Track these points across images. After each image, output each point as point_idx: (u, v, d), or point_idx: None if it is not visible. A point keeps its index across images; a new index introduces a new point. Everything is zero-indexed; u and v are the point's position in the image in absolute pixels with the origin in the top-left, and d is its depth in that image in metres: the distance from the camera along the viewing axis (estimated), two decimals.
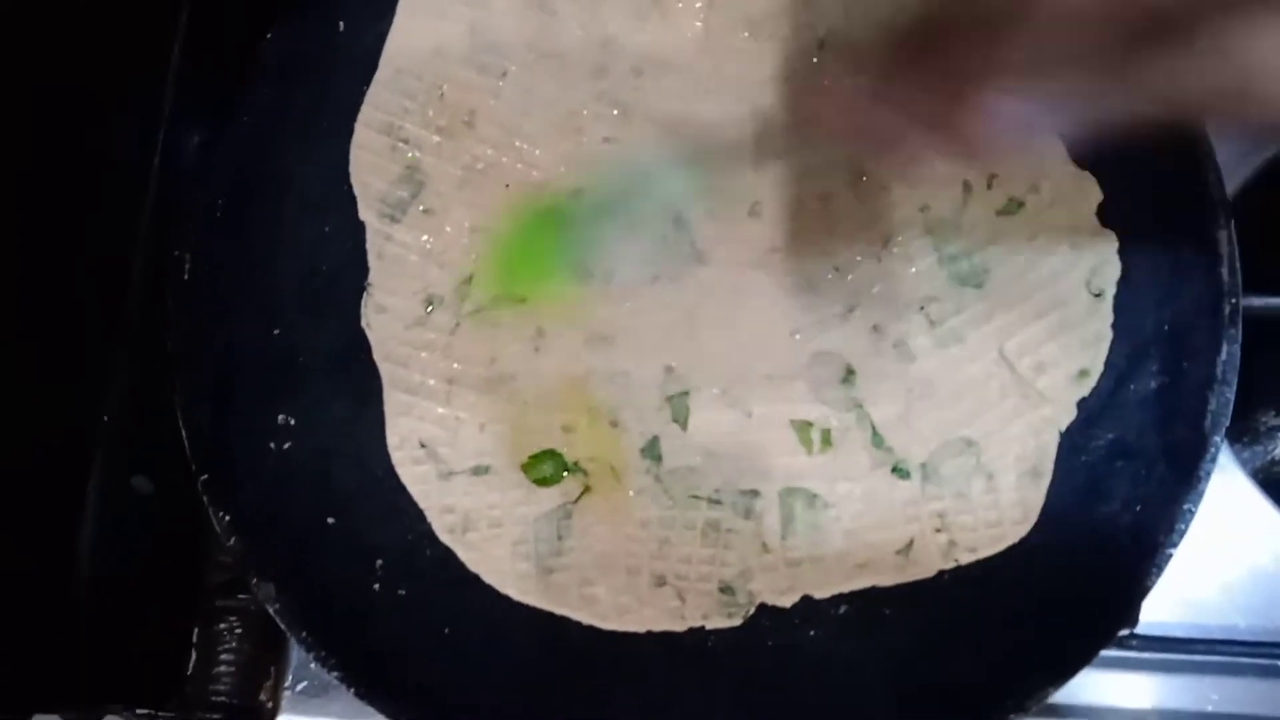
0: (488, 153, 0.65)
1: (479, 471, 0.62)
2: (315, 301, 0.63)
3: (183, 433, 0.58)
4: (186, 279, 0.60)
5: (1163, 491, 0.56)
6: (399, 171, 0.64)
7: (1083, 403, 0.60)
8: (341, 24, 0.63)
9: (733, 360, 0.63)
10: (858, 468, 0.61)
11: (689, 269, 0.64)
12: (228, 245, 0.61)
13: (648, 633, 0.60)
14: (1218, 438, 0.56)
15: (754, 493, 0.61)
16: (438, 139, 0.64)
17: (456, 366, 0.63)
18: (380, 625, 0.59)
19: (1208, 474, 0.55)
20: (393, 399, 0.62)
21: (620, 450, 0.62)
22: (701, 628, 0.60)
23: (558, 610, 0.60)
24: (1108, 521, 0.58)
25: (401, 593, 0.60)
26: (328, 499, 0.61)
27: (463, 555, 0.60)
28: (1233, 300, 0.57)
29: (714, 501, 0.61)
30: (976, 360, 0.61)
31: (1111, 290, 0.59)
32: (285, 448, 0.61)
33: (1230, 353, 0.56)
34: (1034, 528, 0.59)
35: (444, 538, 0.61)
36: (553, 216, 0.64)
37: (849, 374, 0.62)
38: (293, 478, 0.60)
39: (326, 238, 0.63)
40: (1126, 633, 0.56)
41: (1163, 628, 0.63)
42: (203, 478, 0.58)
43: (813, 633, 0.60)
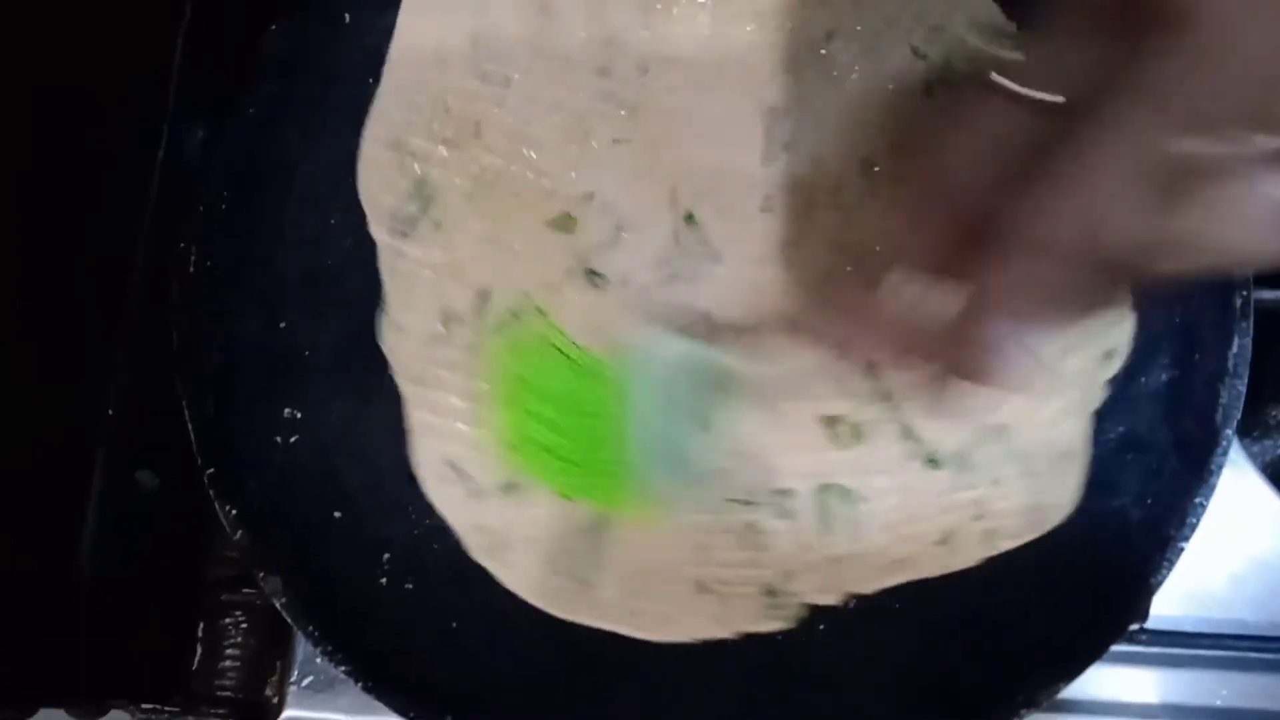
0: (496, 162, 0.63)
1: (509, 490, 0.61)
2: (319, 296, 0.61)
3: (188, 426, 0.57)
4: (191, 271, 0.58)
5: (1174, 485, 0.56)
6: (408, 186, 0.62)
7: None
8: (347, 16, 0.61)
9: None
10: (890, 460, 0.61)
11: (704, 268, 0.63)
12: (231, 239, 0.59)
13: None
14: (1229, 431, 0.56)
15: (788, 492, 0.61)
16: (445, 151, 0.63)
17: (480, 384, 0.61)
18: (387, 620, 0.58)
19: (1219, 467, 0.56)
20: (417, 419, 0.61)
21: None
22: (747, 633, 0.59)
23: (601, 625, 0.59)
24: (1118, 515, 0.58)
25: (409, 587, 0.59)
26: (334, 493, 0.59)
27: (499, 575, 0.59)
28: (1243, 293, 0.57)
29: (748, 503, 0.61)
30: None
31: None
32: (291, 441, 0.59)
33: (1241, 345, 0.56)
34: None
35: (478, 558, 0.60)
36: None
37: (873, 366, 0.61)
38: (299, 471, 0.59)
39: (330, 232, 0.62)
40: (1136, 627, 0.56)
41: (1172, 622, 0.64)
42: (209, 471, 0.56)
43: (822, 626, 0.59)
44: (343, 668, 0.55)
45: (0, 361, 0.55)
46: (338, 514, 0.59)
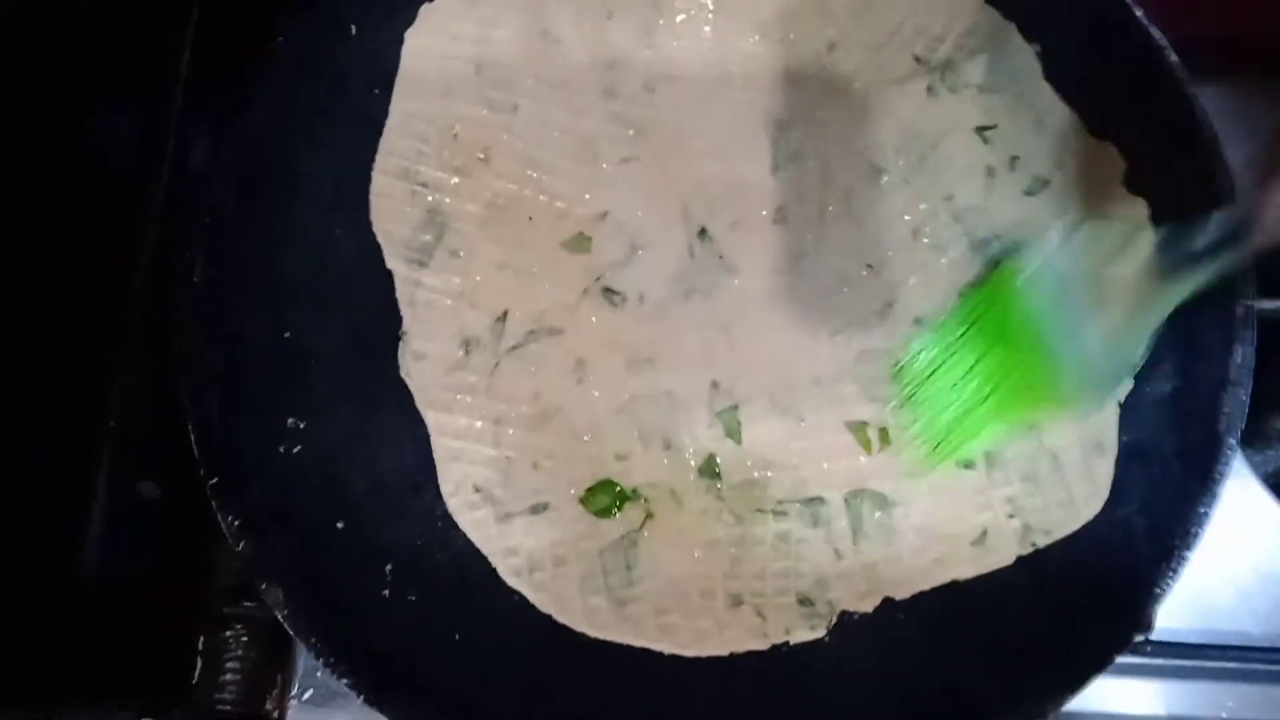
0: (508, 188, 0.64)
1: (538, 510, 0.61)
2: (324, 304, 0.61)
3: (191, 436, 0.56)
4: (196, 279, 0.58)
5: (1178, 494, 0.56)
6: (421, 216, 0.63)
7: None
8: (353, 27, 0.62)
9: (777, 368, 0.62)
10: (920, 462, 0.61)
11: (721, 281, 0.64)
12: (236, 247, 0.59)
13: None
14: (1232, 440, 0.56)
15: (819, 499, 0.61)
16: (456, 179, 0.63)
17: (502, 406, 0.62)
18: (390, 630, 0.57)
19: (1223, 477, 0.55)
20: (441, 446, 0.61)
21: (677, 472, 0.61)
22: (784, 645, 0.59)
23: (637, 643, 0.58)
24: (1123, 525, 0.58)
25: (411, 598, 0.58)
26: (337, 502, 0.59)
27: (532, 597, 0.59)
28: (1246, 303, 0.56)
29: (780, 513, 0.61)
30: None
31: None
32: (294, 451, 0.59)
33: (1244, 355, 0.56)
34: None
35: (511, 581, 0.59)
36: None
37: (898, 369, 0.62)
38: (302, 481, 0.59)
39: (335, 240, 0.62)
40: (1141, 639, 0.55)
41: (1176, 633, 0.63)
42: (211, 481, 0.56)
43: (826, 639, 0.59)
44: (345, 679, 0.54)
45: (2, 370, 0.55)
46: (340, 524, 0.59)
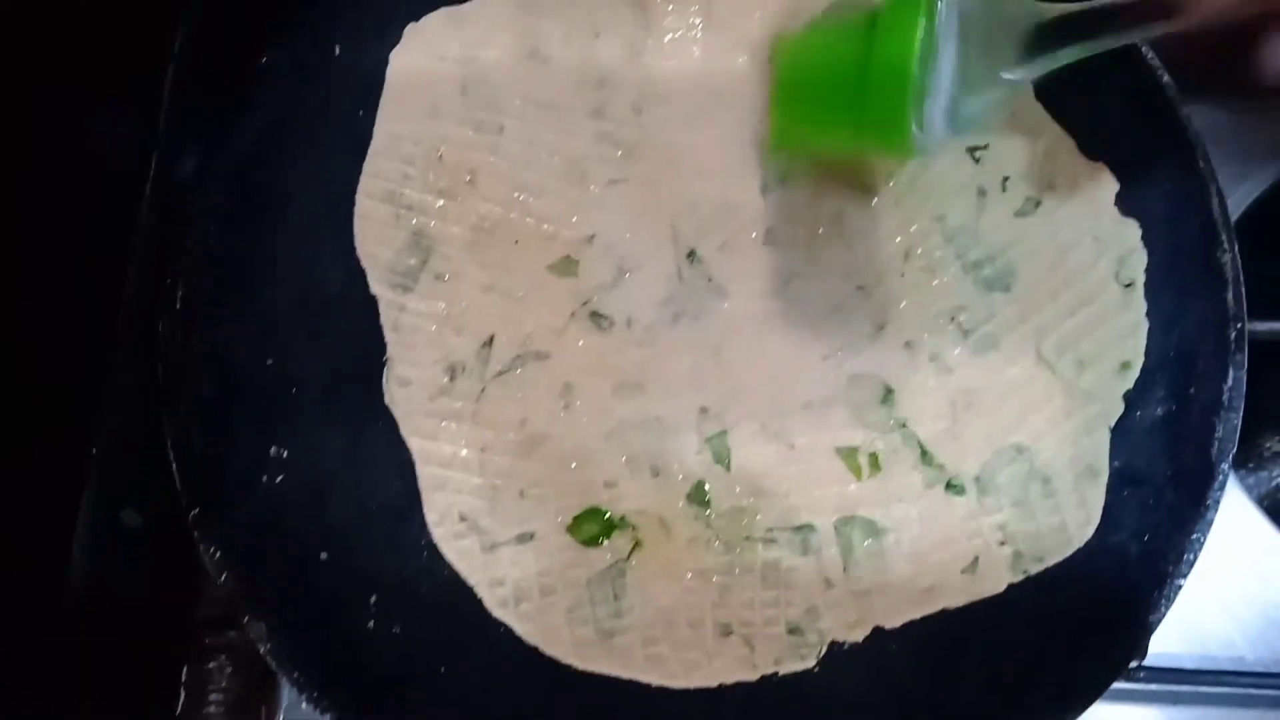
0: (494, 210, 0.63)
1: (524, 539, 0.60)
2: (309, 330, 0.60)
3: (173, 466, 0.56)
4: (179, 307, 0.57)
5: (1171, 520, 0.56)
6: (405, 239, 0.62)
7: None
8: (337, 48, 0.61)
9: (767, 393, 0.62)
10: (911, 489, 0.60)
11: (710, 304, 0.63)
12: (221, 273, 0.59)
13: None
14: (1225, 465, 0.55)
15: (809, 527, 0.60)
16: (441, 202, 0.62)
17: (488, 434, 0.61)
18: (375, 663, 0.57)
19: (1216, 502, 0.55)
20: (426, 474, 0.60)
21: (666, 499, 0.61)
22: (773, 675, 0.58)
23: (624, 674, 0.58)
24: (1116, 551, 0.57)
25: (396, 630, 0.58)
26: (321, 533, 0.58)
27: (519, 628, 0.58)
28: (1238, 325, 0.56)
29: (769, 541, 0.60)
30: (1015, 364, 0.60)
31: (1141, 279, 0.59)
32: (278, 480, 0.58)
33: (1236, 379, 0.56)
34: None
35: (497, 612, 0.59)
36: None
37: (888, 393, 0.61)
38: (286, 511, 0.58)
39: (321, 264, 0.61)
40: (1135, 665, 0.55)
41: (1170, 659, 0.63)
42: (193, 512, 0.55)
43: (817, 668, 0.58)
44: (329, 714, 0.54)
45: None
46: (324, 554, 0.58)
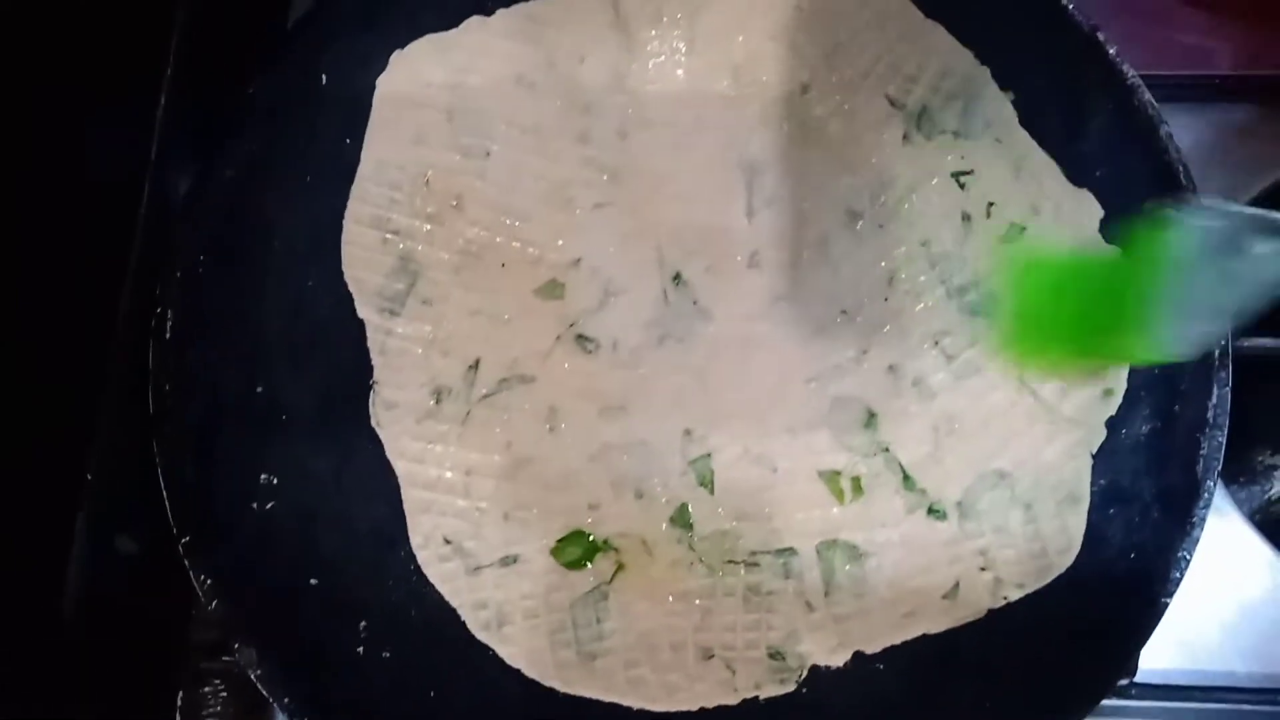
0: (480, 234, 0.63)
1: (508, 562, 0.60)
2: (298, 355, 0.61)
3: (163, 493, 0.56)
4: (169, 336, 0.58)
5: (1157, 538, 0.55)
6: (392, 263, 0.62)
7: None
8: (324, 76, 0.62)
9: (751, 416, 0.62)
10: (893, 513, 0.60)
11: (695, 327, 0.63)
12: (210, 301, 0.59)
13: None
14: (1211, 482, 0.55)
15: (791, 550, 0.60)
16: (428, 227, 0.63)
17: (473, 456, 0.61)
18: (364, 688, 0.57)
19: (1202, 519, 0.55)
20: (411, 496, 0.61)
21: (649, 522, 0.61)
22: (754, 698, 0.58)
23: (606, 697, 0.58)
24: (1103, 568, 0.57)
25: (386, 654, 0.58)
26: (311, 559, 0.59)
27: (501, 651, 0.59)
28: (1222, 343, 0.56)
29: (751, 564, 0.60)
30: (998, 390, 0.60)
31: None
32: (268, 507, 0.59)
33: (1221, 396, 0.56)
34: None
35: (480, 635, 0.59)
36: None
37: (871, 417, 0.61)
38: (275, 538, 0.59)
39: (309, 290, 0.62)
40: (1126, 682, 0.55)
41: (1162, 675, 0.62)
42: (184, 540, 0.56)
43: (804, 690, 0.58)
44: None
45: None
46: (314, 580, 0.59)
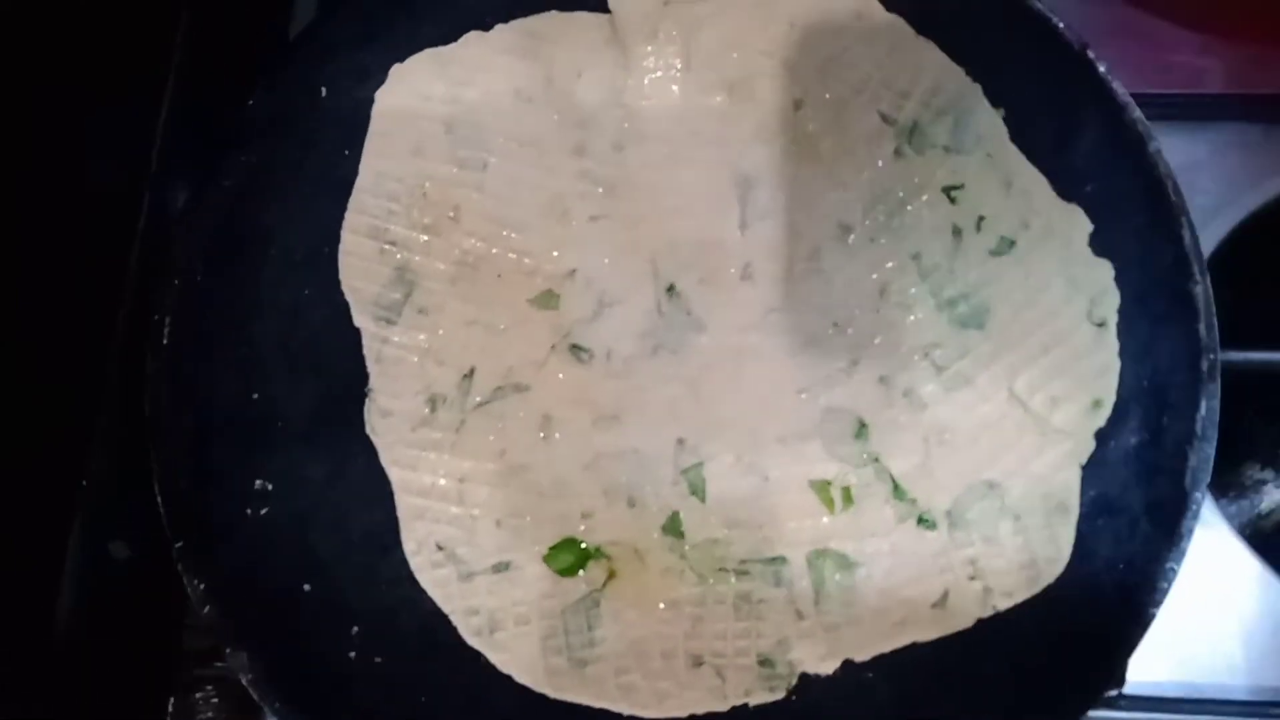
0: (477, 245, 0.64)
1: (500, 568, 0.61)
2: (294, 363, 0.62)
3: (158, 499, 0.57)
4: (166, 342, 0.59)
5: (1145, 550, 0.56)
6: (389, 274, 0.63)
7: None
8: (323, 89, 0.63)
9: (743, 425, 0.63)
10: (883, 522, 0.61)
11: (688, 338, 0.64)
12: (207, 308, 0.60)
13: None
14: (1199, 494, 0.55)
15: (781, 559, 0.61)
16: (425, 237, 0.64)
17: (467, 464, 0.62)
18: (356, 694, 0.58)
19: (1190, 532, 0.55)
20: (404, 503, 0.61)
21: (641, 530, 0.61)
22: (744, 705, 0.58)
23: (596, 704, 0.58)
24: (1091, 580, 0.57)
25: (378, 660, 0.59)
26: (304, 565, 0.59)
27: (493, 657, 0.59)
28: (1210, 356, 0.56)
29: (742, 573, 0.61)
30: (988, 401, 0.61)
31: (1114, 319, 0.59)
32: (262, 513, 0.59)
33: (1209, 409, 0.56)
34: None
35: (471, 641, 0.59)
36: None
37: (862, 428, 0.62)
38: (269, 544, 0.59)
39: (306, 299, 0.62)
40: (1114, 693, 0.55)
41: (1152, 687, 0.62)
42: (178, 545, 0.56)
43: (794, 699, 0.59)
44: None
45: None
46: (307, 586, 0.59)
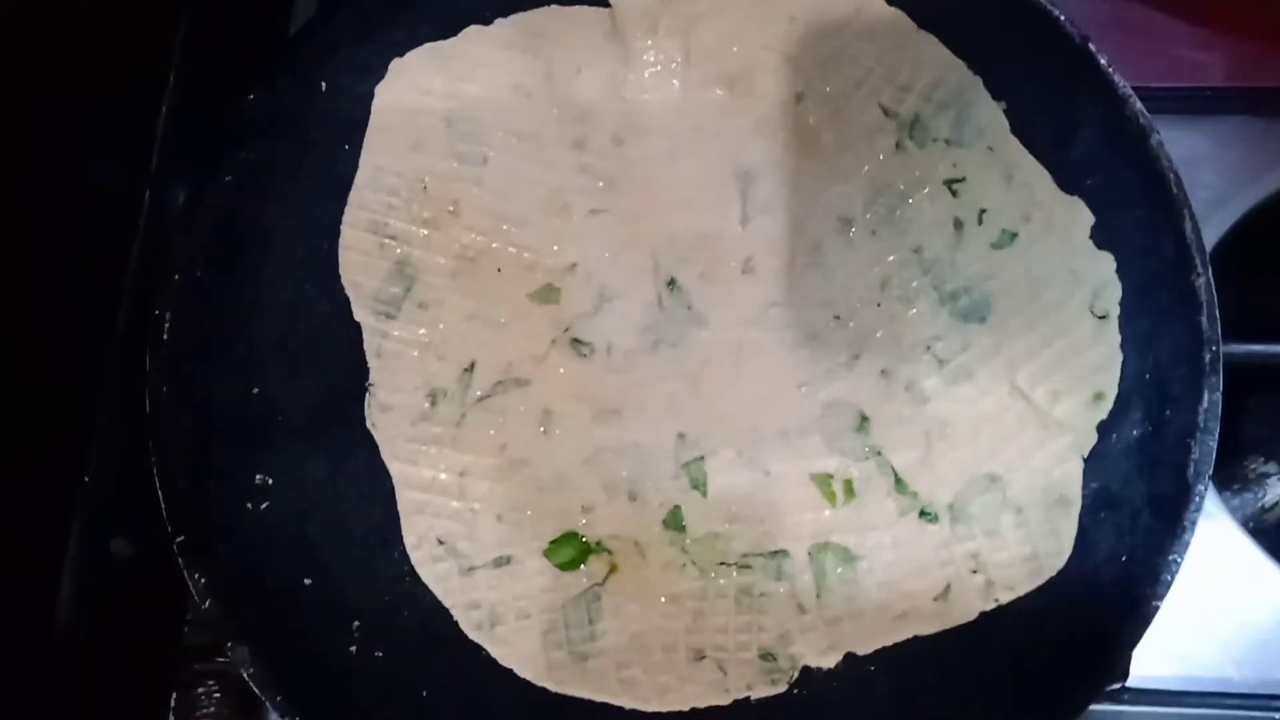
0: (476, 240, 0.64)
1: (501, 562, 0.61)
2: (294, 360, 0.62)
3: (159, 495, 0.57)
4: (166, 339, 0.58)
5: (1148, 542, 0.56)
6: (389, 268, 0.63)
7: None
8: (323, 84, 0.62)
9: (744, 419, 0.63)
10: (884, 516, 0.61)
11: (689, 332, 0.64)
12: (208, 304, 0.60)
13: None
14: (1201, 487, 0.55)
15: (783, 553, 0.61)
16: (425, 232, 0.64)
17: (467, 458, 0.62)
18: (357, 688, 0.58)
19: (1193, 524, 0.55)
20: (405, 498, 0.61)
21: (642, 524, 0.61)
22: (746, 699, 0.58)
23: (597, 697, 0.58)
24: (1093, 573, 0.57)
25: (379, 654, 0.59)
26: (305, 560, 0.59)
27: (494, 651, 0.59)
28: (1213, 348, 0.56)
29: (743, 566, 0.61)
30: (989, 395, 0.61)
31: (1115, 311, 0.59)
32: (263, 508, 0.59)
33: (1212, 401, 0.56)
34: None
35: (472, 635, 0.59)
36: None
37: (863, 421, 0.62)
38: (270, 538, 0.59)
39: (306, 296, 0.62)
40: (1118, 686, 0.55)
41: (1155, 680, 0.62)
42: (179, 539, 0.56)
43: (795, 692, 0.59)
44: None
45: None
46: (308, 581, 0.59)
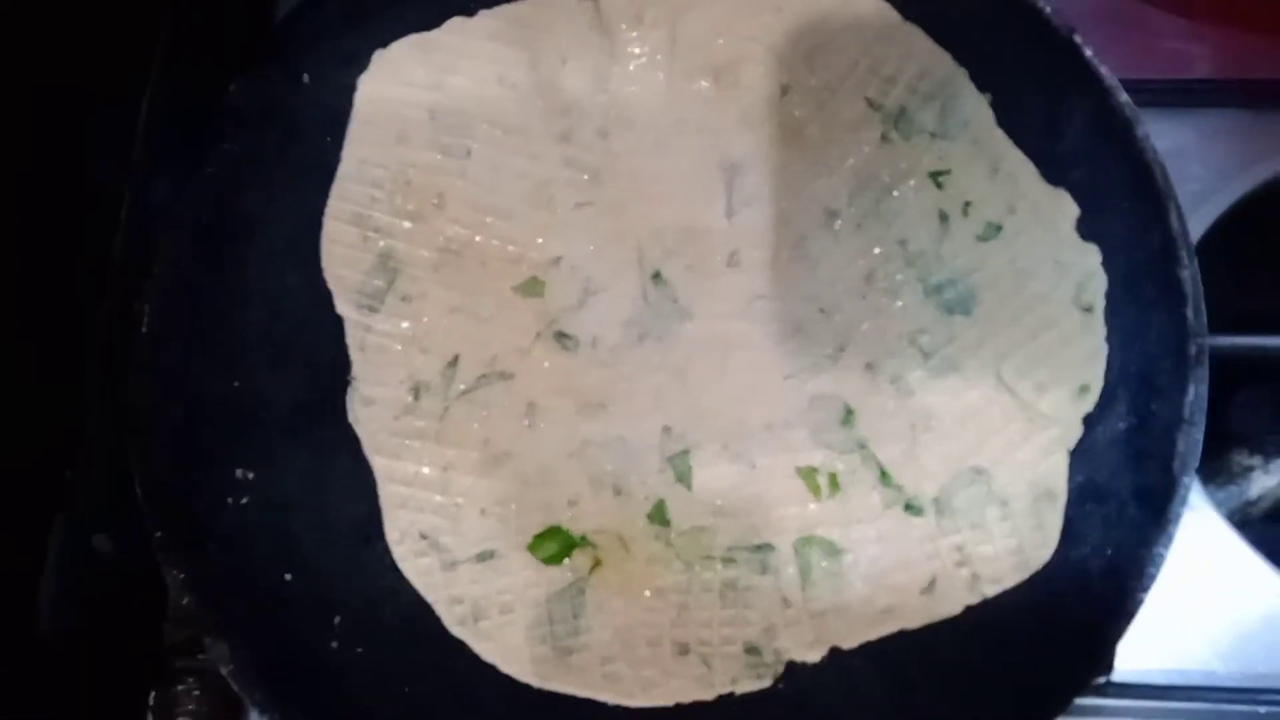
0: (460, 232, 0.64)
1: (484, 557, 0.60)
2: (277, 354, 0.61)
3: (138, 489, 0.56)
4: (145, 331, 0.58)
5: (1133, 535, 0.55)
6: (372, 261, 0.63)
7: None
8: (306, 76, 0.62)
9: (729, 413, 0.62)
10: (870, 509, 0.60)
11: (674, 325, 0.64)
12: (190, 297, 0.60)
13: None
14: (1187, 479, 0.55)
15: (768, 546, 0.60)
16: (408, 224, 0.63)
17: (450, 452, 0.62)
18: (338, 685, 0.57)
19: (1178, 517, 0.55)
20: (388, 492, 0.61)
21: (627, 518, 0.61)
22: (730, 694, 0.58)
23: (581, 693, 0.58)
24: (1079, 565, 0.57)
25: (360, 651, 0.58)
26: (286, 555, 0.59)
27: (476, 647, 0.59)
28: (1199, 341, 0.56)
29: (728, 560, 0.60)
30: (975, 387, 0.61)
31: (1101, 303, 0.59)
32: (244, 503, 0.59)
33: (1197, 394, 0.55)
34: None
35: (455, 630, 0.59)
36: None
37: (849, 414, 0.62)
38: (250, 534, 0.59)
39: (289, 289, 0.62)
40: (1103, 680, 0.54)
41: (1140, 674, 0.62)
42: (158, 535, 0.56)
43: (781, 687, 0.59)
44: None
45: None
46: (289, 576, 0.59)
